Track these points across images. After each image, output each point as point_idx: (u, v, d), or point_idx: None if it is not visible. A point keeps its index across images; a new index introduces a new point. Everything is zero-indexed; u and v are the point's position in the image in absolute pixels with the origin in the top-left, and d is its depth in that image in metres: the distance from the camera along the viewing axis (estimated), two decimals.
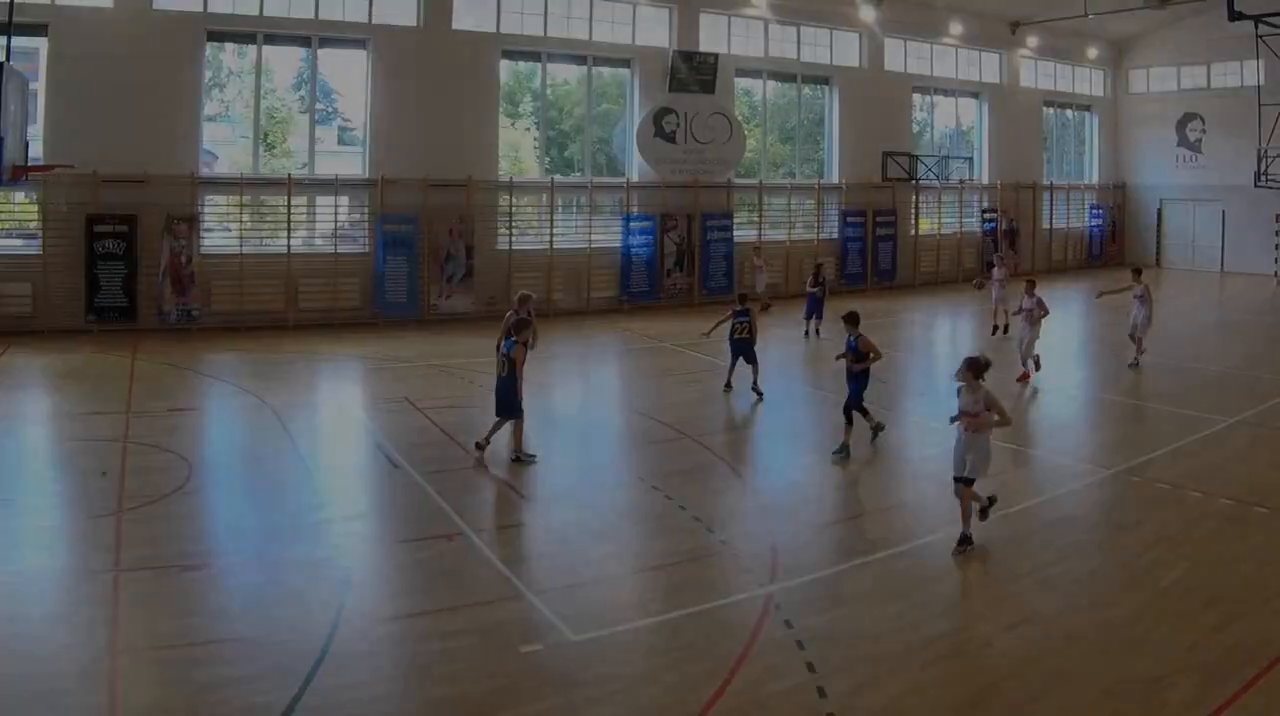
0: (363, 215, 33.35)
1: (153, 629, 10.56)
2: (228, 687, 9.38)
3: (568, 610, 11.19)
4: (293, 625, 10.68)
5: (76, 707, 9.01)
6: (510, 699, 9.41)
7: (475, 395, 21.96)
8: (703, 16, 38.99)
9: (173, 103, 30.04)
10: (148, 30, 29.55)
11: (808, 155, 44.05)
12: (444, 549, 13.05)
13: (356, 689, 9.49)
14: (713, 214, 38.74)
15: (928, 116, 47.58)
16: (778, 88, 43.06)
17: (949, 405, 18.90)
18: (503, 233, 34.92)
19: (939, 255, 46.32)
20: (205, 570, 12.19)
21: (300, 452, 17.80)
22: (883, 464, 17.82)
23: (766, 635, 10.68)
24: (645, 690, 9.66)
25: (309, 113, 33.58)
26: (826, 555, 13.28)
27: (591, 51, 37.19)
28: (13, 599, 11.13)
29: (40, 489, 15.48)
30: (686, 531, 13.94)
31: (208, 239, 31.02)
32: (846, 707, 9.27)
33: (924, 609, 11.41)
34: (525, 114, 39.59)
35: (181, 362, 25.45)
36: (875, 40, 43.62)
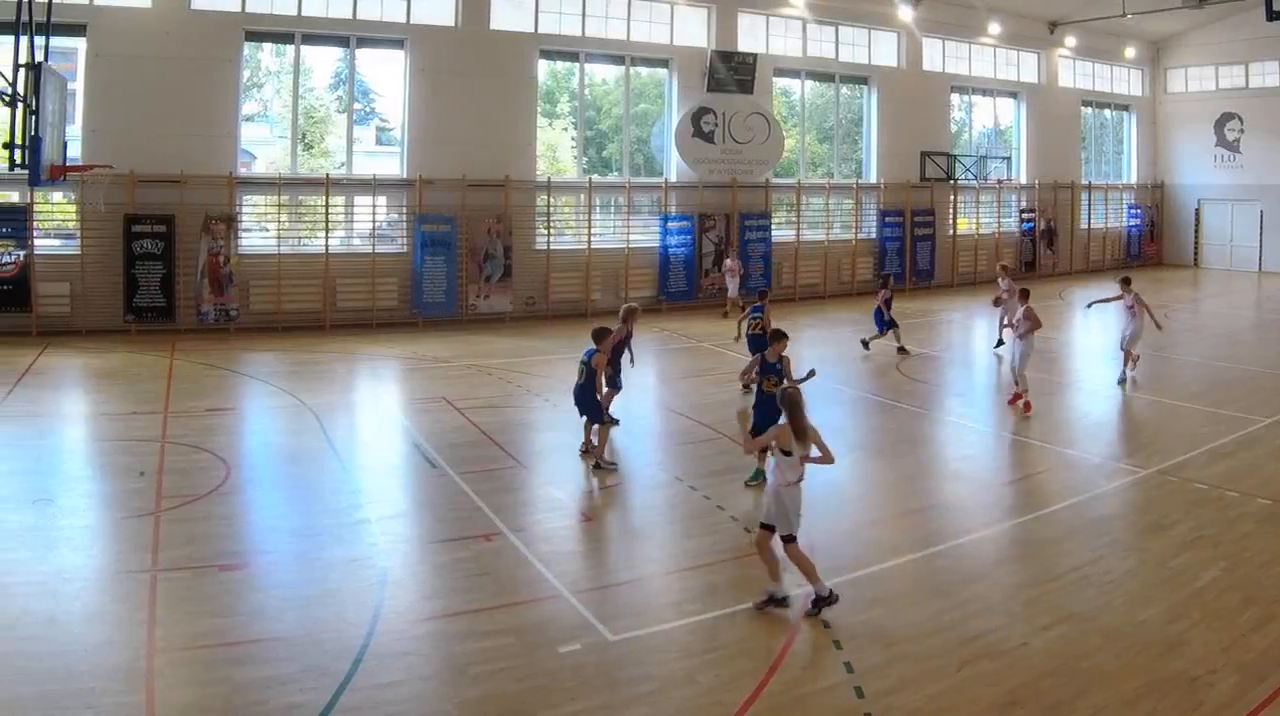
0: (401, 215, 32.83)
1: (190, 628, 10.39)
2: (265, 687, 9.25)
3: (606, 610, 11.06)
4: (330, 625, 10.51)
5: (114, 706, 8.86)
6: (548, 699, 9.26)
7: (513, 395, 21.71)
8: (741, 16, 38.16)
9: (211, 103, 29.56)
10: (186, 30, 29.08)
11: (846, 155, 43.04)
12: (482, 549, 12.82)
13: (394, 688, 9.35)
14: (751, 214, 37.94)
15: (966, 116, 46.51)
16: (816, 87, 42.09)
17: (986, 406, 18.90)
18: (541, 232, 34.20)
19: (977, 255, 45.24)
20: (243, 570, 12.02)
21: (338, 452, 17.42)
22: (920, 464, 17.40)
23: (804, 635, 10.53)
24: (682, 690, 9.48)
25: (347, 112, 33.04)
26: (864, 555, 12.96)
27: (629, 51, 36.45)
28: (51, 598, 10.96)
29: (78, 488, 15.18)
30: (724, 531, 13.70)
31: (245, 239, 30.44)
32: (885, 707, 9.11)
33: (961, 608, 11.21)
34: (563, 114, 38.91)
35: (219, 363, 25.11)
36: (914, 40, 42.68)
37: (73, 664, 9.52)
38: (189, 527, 13.24)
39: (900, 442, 17.84)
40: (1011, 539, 13.41)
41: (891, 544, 13.40)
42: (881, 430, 19.40)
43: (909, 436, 18.42)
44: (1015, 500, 15.42)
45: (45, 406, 20.36)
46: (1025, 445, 18.40)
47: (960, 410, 20.98)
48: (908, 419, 20.21)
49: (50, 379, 22.89)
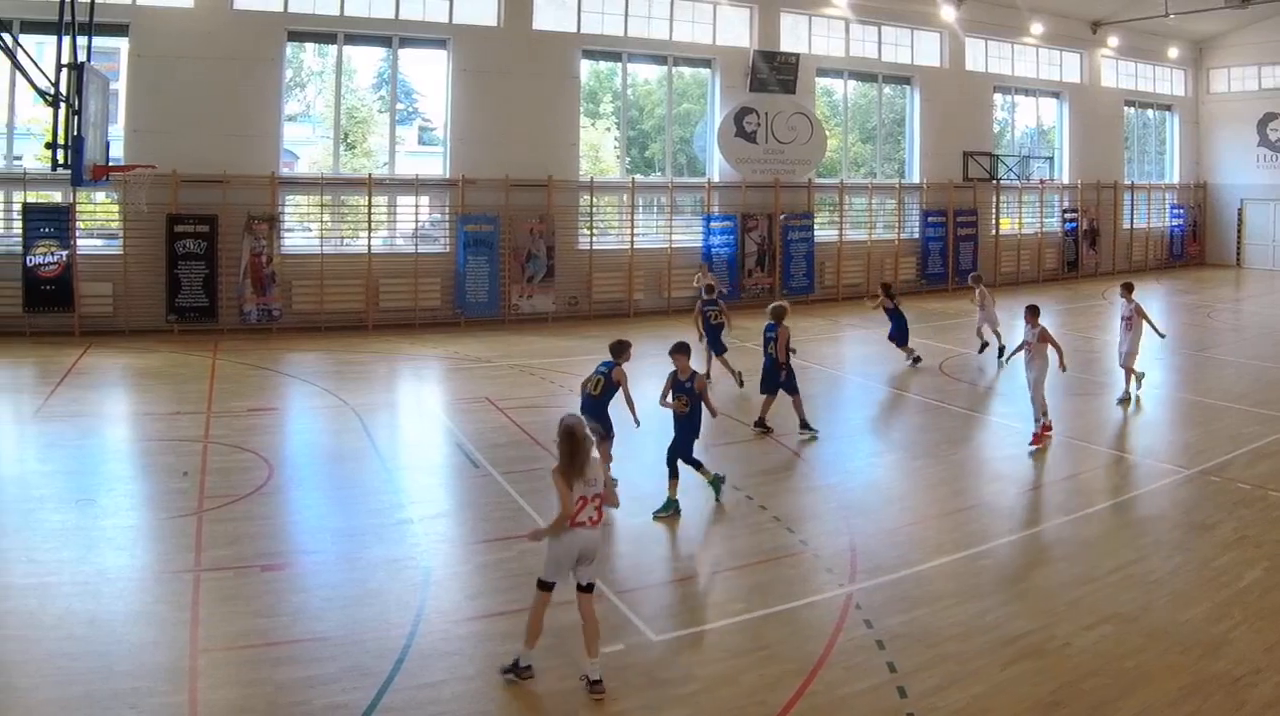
0: (443, 215, 32.14)
1: (233, 628, 10.25)
2: (308, 687, 9.13)
3: (648, 610, 10.94)
4: (373, 625, 10.35)
5: (157, 706, 8.73)
6: (590, 699, 9.05)
7: (556, 395, 21.11)
8: (783, 16, 37.19)
9: (253, 102, 28.98)
10: (228, 30, 28.53)
11: (889, 155, 41.98)
12: (525, 549, 12.16)
13: (436, 688, 9.21)
14: (793, 214, 36.95)
15: (1008, 116, 45.25)
16: (858, 87, 41.05)
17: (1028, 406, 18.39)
18: (583, 232, 33.49)
19: (1019, 255, 44.14)
20: (285, 570, 11.85)
21: (380, 453, 17.03)
22: (962, 464, 17.06)
23: (846, 635, 10.33)
24: (725, 690, 9.29)
25: (389, 112, 32.37)
26: (906, 555, 12.64)
27: (672, 51, 35.52)
28: (94, 598, 10.81)
29: (121, 489, 14.93)
30: (767, 531, 13.44)
31: (288, 239, 29.87)
32: (927, 707, 8.94)
33: (1004, 608, 11.00)
34: (606, 114, 38.15)
35: (262, 363, 24.61)
36: (956, 40, 41.45)
37: (116, 664, 9.38)
38: (231, 528, 13.03)
39: (943, 443, 17.56)
40: (1054, 539, 13.20)
41: (934, 544, 13.11)
42: (924, 430, 18.97)
43: (952, 436, 18.11)
44: (1058, 500, 15.05)
45: (88, 406, 19.93)
46: (1068, 445, 17.80)
47: (1003, 410, 20.44)
48: (950, 419, 19.74)
49: (93, 379, 22.45)
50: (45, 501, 13.95)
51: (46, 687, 8.96)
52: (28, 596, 10.77)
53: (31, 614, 10.35)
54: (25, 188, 27.14)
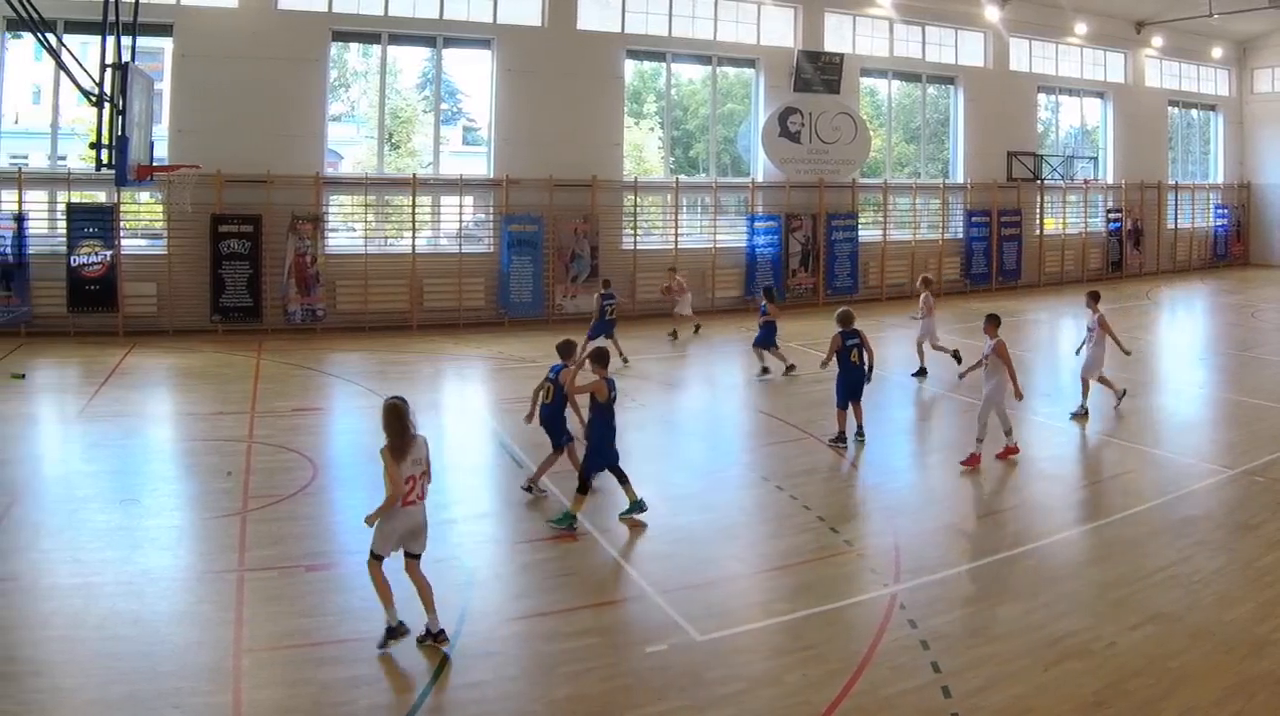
0: (487, 215, 31.35)
1: (277, 628, 10.05)
2: (352, 687, 8.97)
3: (692, 610, 10.57)
4: (417, 625, 9.83)
5: (201, 706, 8.58)
6: (635, 699, 8.90)
7: None
8: (827, 16, 36.03)
9: (297, 102, 28.30)
10: (272, 30, 27.86)
11: (932, 155, 40.66)
12: (568, 549, 12.35)
13: (480, 688, 9.04)
14: (838, 214, 35.84)
15: (1052, 116, 43.84)
16: (902, 87, 39.77)
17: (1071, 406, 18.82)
18: (628, 232, 32.55)
19: (1063, 255, 42.77)
20: (329, 570, 11.59)
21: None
22: (1006, 464, 16.27)
23: (891, 635, 10.06)
24: (769, 690, 9.07)
25: (433, 112, 31.55)
26: (950, 555, 12.38)
27: (716, 51, 34.50)
28: (138, 598, 10.59)
29: (165, 489, 14.74)
30: (811, 531, 13.09)
31: (332, 239, 29.18)
32: (971, 707, 8.71)
33: (1048, 609, 10.67)
34: (650, 114, 37.10)
35: (306, 363, 24.05)
36: (1000, 40, 40.08)
37: (160, 664, 9.20)
38: (275, 528, 12.77)
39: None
40: (1098, 539, 12.87)
41: (978, 544, 12.91)
42: (967, 430, 17.91)
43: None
44: (1102, 500, 14.63)
45: (132, 406, 19.51)
46: (1112, 445, 17.52)
47: (1046, 410, 19.72)
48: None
49: (137, 379, 22.00)
50: (90, 501, 13.66)
51: (91, 688, 8.76)
52: (73, 596, 10.54)
53: (76, 614, 10.13)
54: (70, 188, 26.62)
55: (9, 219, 25.59)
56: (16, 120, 28.14)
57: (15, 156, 27.35)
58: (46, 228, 26.71)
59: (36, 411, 19.38)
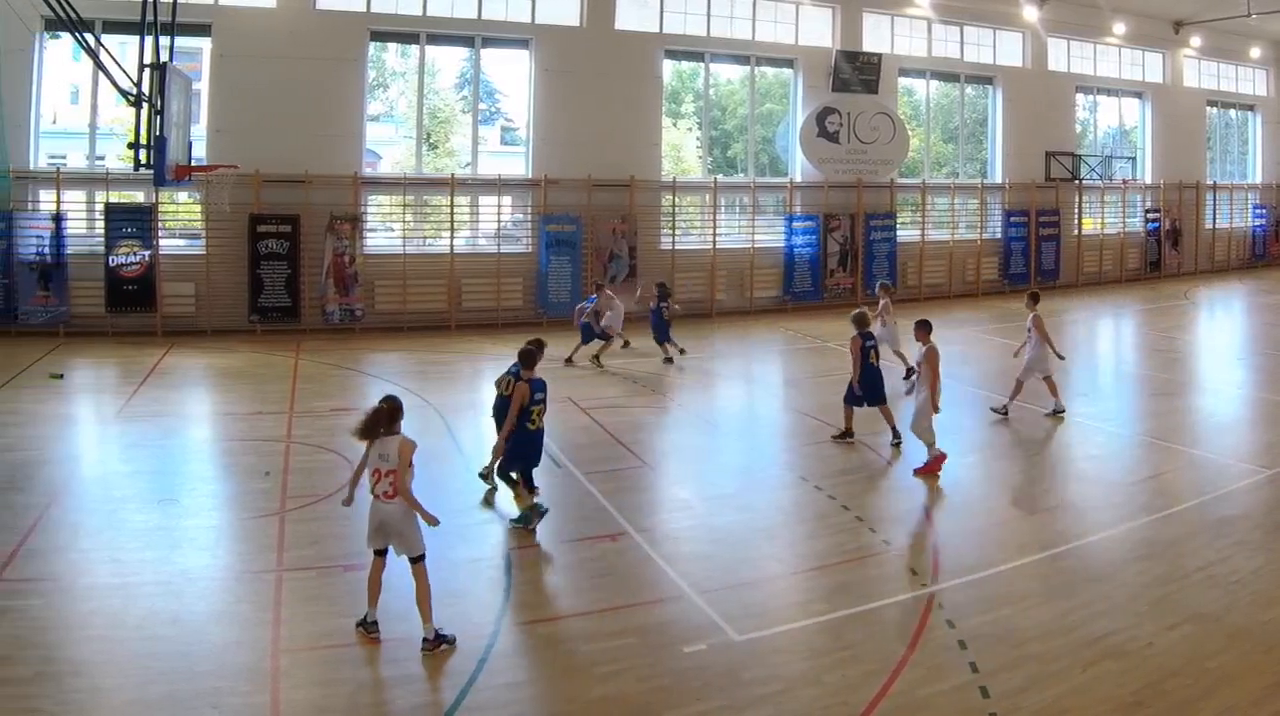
0: (526, 215, 30.45)
1: (315, 628, 9.86)
2: (391, 687, 8.94)
3: (731, 610, 10.38)
4: (456, 625, 9.79)
5: (240, 706, 8.43)
6: (673, 699, 8.74)
7: (638, 395, 20.27)
8: (866, 16, 34.87)
9: (336, 102, 27.52)
10: (310, 30, 27.13)
11: (971, 155, 39.40)
12: (607, 549, 12.13)
13: (519, 688, 8.93)
14: (876, 214, 34.74)
15: (1091, 116, 42.46)
16: (940, 87, 38.47)
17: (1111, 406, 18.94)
18: (666, 232, 31.58)
19: (1102, 255, 41.43)
20: (367, 571, 10.68)
21: (464, 453, 16.06)
22: (1044, 464, 16.39)
23: (929, 635, 9.87)
24: (808, 690, 8.91)
25: (472, 112, 30.65)
26: (989, 555, 12.06)
27: (754, 51, 33.42)
28: (177, 598, 10.41)
29: (203, 488, 14.44)
30: (849, 531, 12.84)
31: (370, 239, 28.40)
32: (1010, 707, 8.57)
33: (1086, 609, 10.44)
34: (688, 114, 36.01)
35: (344, 363, 23.43)
36: (1039, 40, 38.75)
37: (198, 664, 9.06)
38: (314, 528, 12.51)
39: (1025, 443, 16.98)
40: (1137, 539, 12.60)
41: (1017, 544, 12.49)
42: (1007, 430, 17.93)
43: (1034, 436, 17.37)
44: (1141, 500, 14.15)
45: (170, 406, 19.11)
46: (1151, 445, 17.06)
47: (1085, 410, 19.19)
48: (1033, 419, 18.53)
49: (175, 379, 21.52)
50: (128, 502, 13.40)
51: (130, 688, 8.61)
52: (111, 596, 10.37)
53: (115, 614, 9.96)
54: (108, 188, 26.05)
55: (47, 219, 25.09)
56: (55, 120, 27.56)
57: (54, 156, 26.75)
58: (85, 228, 26.12)
59: (75, 412, 18.99)
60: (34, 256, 24.88)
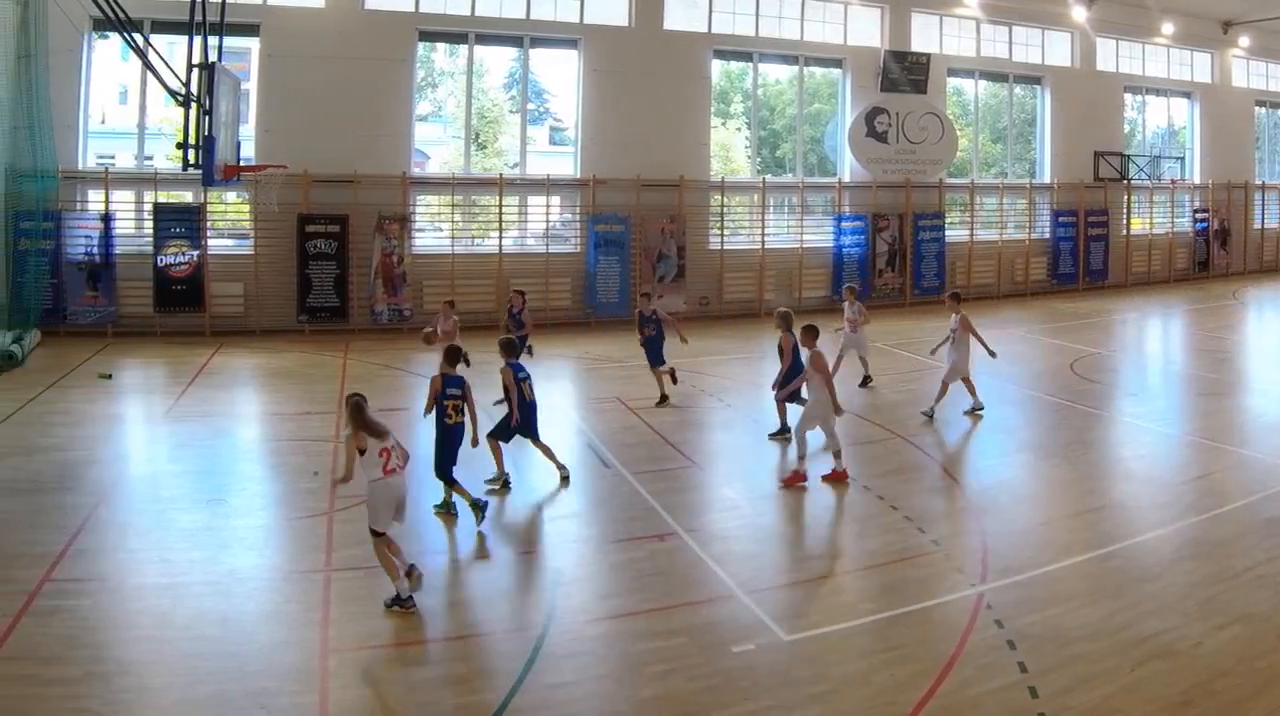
0: (574, 215, 29.17)
1: (363, 628, 9.59)
2: (439, 687, 8.59)
3: (780, 610, 10.09)
4: (504, 625, 9.79)
5: (288, 706, 8.15)
6: (722, 698, 8.40)
7: (687, 395, 19.18)
8: (914, 16, 33.21)
9: (384, 102, 26.37)
10: (359, 30, 26.01)
11: (1019, 154, 37.57)
12: (656, 549, 11.68)
13: (568, 688, 8.57)
14: (924, 214, 33.12)
15: (1139, 116, 40.47)
16: (989, 87, 36.64)
17: (1159, 406, 18.43)
18: (714, 232, 30.20)
19: (1150, 255, 39.48)
20: (415, 570, 10.73)
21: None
22: (1093, 464, 15.58)
23: (978, 635, 9.53)
24: (857, 690, 8.59)
25: (520, 112, 29.38)
26: (1037, 555, 11.59)
27: (803, 51, 31.88)
28: (225, 598, 10.15)
29: (252, 489, 13.99)
30: (898, 531, 12.35)
31: (419, 239, 27.25)
32: (1058, 707, 8.16)
33: (1135, 608, 10.07)
34: (736, 114, 34.42)
35: (393, 363, 22.53)
36: (1087, 40, 36.88)
37: (247, 664, 8.79)
38: (362, 528, 11.52)
39: (1073, 443, 16.27)
40: (1186, 539, 12.12)
41: (1065, 544, 12.00)
42: (1054, 430, 17.27)
43: (1082, 436, 16.69)
44: (1189, 500, 13.60)
45: (218, 406, 18.42)
46: (1199, 445, 16.29)
47: (1133, 410, 18.68)
48: (1081, 419, 17.94)
49: (223, 379, 20.74)
50: (177, 501, 13.02)
51: (179, 687, 8.37)
52: (160, 596, 10.07)
53: (164, 614, 9.68)
54: (156, 188, 25.06)
55: (96, 219, 24.16)
56: (104, 120, 26.58)
57: (102, 156, 25.77)
58: (133, 228, 25.15)
59: (123, 412, 18.34)
60: (83, 256, 23.96)
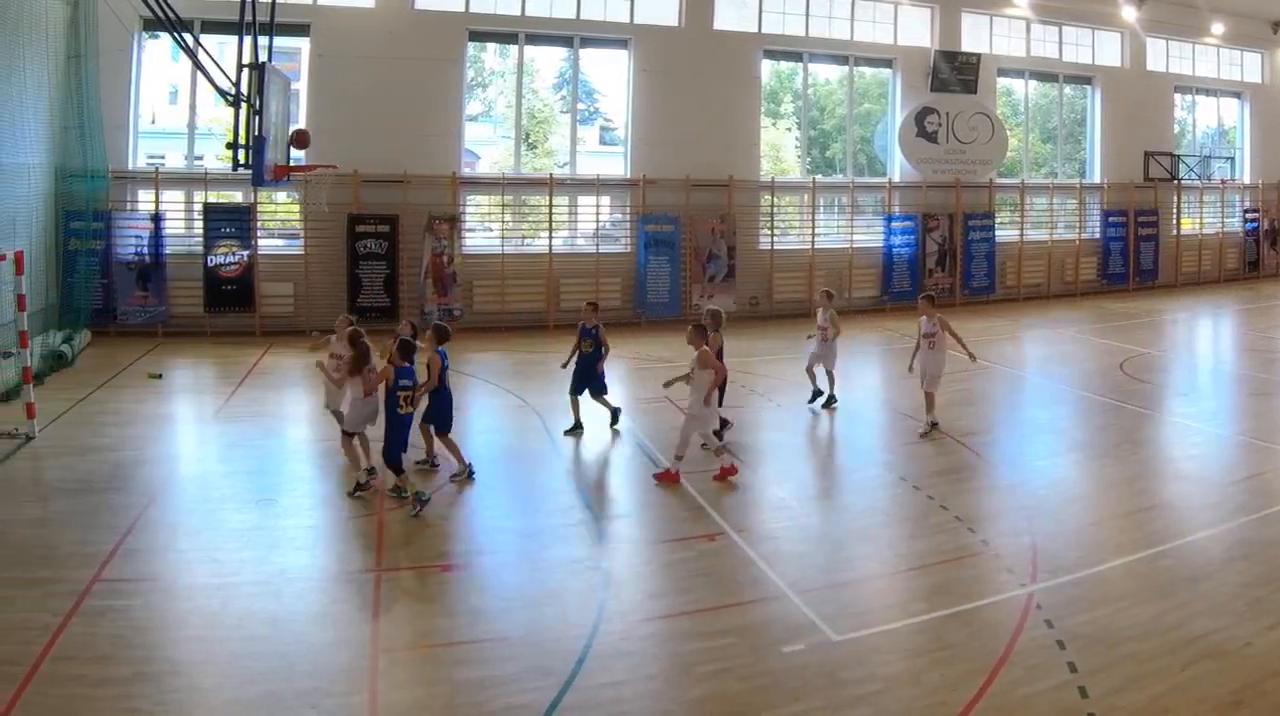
0: (624, 215, 27.73)
1: (413, 628, 9.21)
2: (488, 687, 8.14)
3: (829, 610, 9.56)
4: (553, 625, 9.25)
5: (337, 706, 7.80)
6: (771, 699, 7.97)
7: (736, 395, 17.94)
8: (964, 16, 31.40)
9: (434, 102, 25.03)
10: (409, 30, 24.72)
11: (1069, 154, 35.62)
12: (705, 549, 11.21)
13: (617, 688, 8.15)
14: (974, 214, 31.35)
15: (1189, 116, 38.41)
16: (1039, 87, 34.71)
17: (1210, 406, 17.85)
18: (764, 232, 28.67)
19: (1200, 255, 37.42)
20: (465, 570, 10.67)
21: (561, 453, 15.11)
22: (1143, 464, 14.90)
23: (1027, 635, 9.05)
24: (906, 690, 8.13)
25: (570, 112, 27.95)
26: (1088, 555, 11.05)
27: (853, 51, 30.23)
28: (275, 598, 9.73)
29: (302, 489, 13.39)
30: (948, 531, 11.79)
31: (469, 239, 25.89)
32: (1108, 707, 7.70)
33: (1185, 608, 9.53)
34: (786, 114, 32.73)
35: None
36: (1137, 40, 34.85)
37: (296, 664, 8.41)
38: (412, 528, 11.71)
39: (1124, 442, 15.61)
40: (1237, 539, 11.56)
41: (1115, 544, 11.46)
42: (1105, 430, 16.48)
43: (1132, 436, 16.04)
44: (1240, 500, 12.92)
45: (269, 406, 17.77)
46: (1250, 445, 15.51)
47: (1184, 410, 17.95)
48: (1131, 419, 17.21)
49: (273, 379, 19.82)
50: (227, 501, 12.55)
51: (229, 687, 8.07)
52: (210, 596, 9.73)
53: (214, 614, 9.36)
54: (206, 188, 23.89)
55: (146, 219, 23.03)
56: (154, 120, 25.41)
57: (152, 156, 24.62)
58: (183, 228, 24.00)
59: (173, 411, 17.61)
60: (133, 256, 22.83)
